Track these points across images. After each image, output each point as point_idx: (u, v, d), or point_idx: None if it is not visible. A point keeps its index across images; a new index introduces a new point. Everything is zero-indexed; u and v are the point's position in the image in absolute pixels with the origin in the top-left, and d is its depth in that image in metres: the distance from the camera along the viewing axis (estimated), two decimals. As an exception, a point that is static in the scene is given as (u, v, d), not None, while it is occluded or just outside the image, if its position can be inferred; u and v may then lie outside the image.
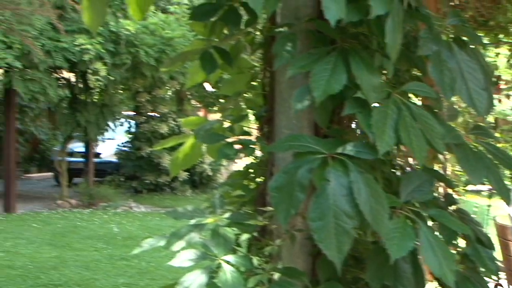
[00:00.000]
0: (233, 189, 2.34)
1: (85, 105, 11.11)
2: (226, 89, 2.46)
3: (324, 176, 1.60)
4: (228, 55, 2.14)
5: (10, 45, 9.18)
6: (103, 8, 2.29)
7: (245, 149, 2.13)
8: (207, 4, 2.04)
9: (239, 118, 2.31)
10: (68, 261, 6.70)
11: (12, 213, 10.12)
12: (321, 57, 1.73)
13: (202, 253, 1.83)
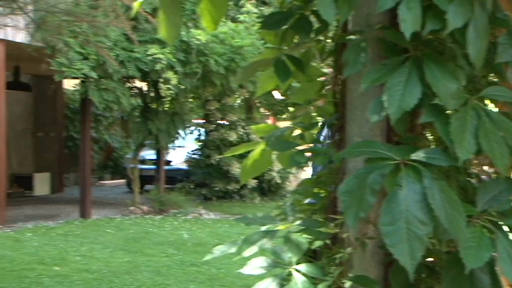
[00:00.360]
0: (304, 197, 2.34)
1: (157, 114, 11.35)
2: (296, 97, 2.47)
3: (396, 182, 1.58)
4: (300, 62, 2.15)
5: (87, 56, 9.51)
6: (178, 20, 2.34)
7: (316, 157, 2.13)
8: (279, 13, 2.06)
9: (309, 126, 2.32)
10: (140, 266, 6.84)
11: (87, 218, 10.44)
12: (394, 68, 1.71)
13: (273, 261, 1.84)
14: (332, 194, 2.12)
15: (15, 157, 13.64)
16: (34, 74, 13.60)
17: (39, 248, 7.55)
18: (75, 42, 8.62)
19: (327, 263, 1.91)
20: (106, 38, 7.74)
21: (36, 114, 14.29)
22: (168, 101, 11.18)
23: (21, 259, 6.75)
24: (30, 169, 14.07)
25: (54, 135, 14.28)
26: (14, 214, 10.40)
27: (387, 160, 1.65)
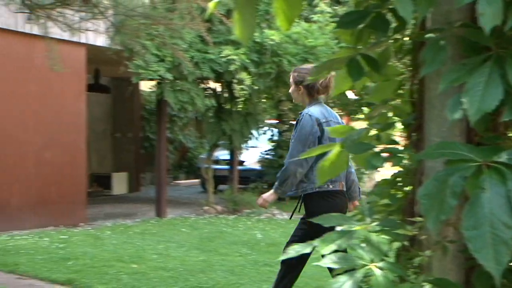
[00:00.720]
0: (380, 197, 2.31)
1: (230, 114, 11.45)
2: (373, 96, 2.44)
3: (479, 185, 1.54)
4: (375, 62, 2.12)
5: (163, 58, 9.72)
6: (253, 21, 2.35)
7: (392, 158, 2.10)
8: (355, 11, 2.04)
9: (386, 126, 2.28)
10: (214, 265, 6.93)
11: (163, 217, 10.66)
12: (475, 68, 1.66)
13: (352, 257, 1.82)
14: (409, 196, 2.08)
15: (95, 157, 14.10)
16: (113, 77, 14.03)
17: (118, 246, 7.76)
18: (152, 44, 8.83)
19: (404, 265, 1.88)
20: (181, 40, 7.90)
21: (114, 116, 14.72)
22: (241, 101, 11.27)
23: (101, 256, 6.96)
24: (109, 169, 14.51)
25: (131, 135, 14.65)
26: (94, 213, 10.74)
27: (468, 162, 1.60)
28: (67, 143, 9.60)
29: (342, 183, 4.39)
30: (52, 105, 9.36)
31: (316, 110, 4.34)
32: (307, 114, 4.30)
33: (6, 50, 8.59)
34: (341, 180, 4.36)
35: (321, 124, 4.25)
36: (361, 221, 2.04)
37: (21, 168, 8.89)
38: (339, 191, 4.36)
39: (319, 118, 4.28)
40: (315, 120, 4.25)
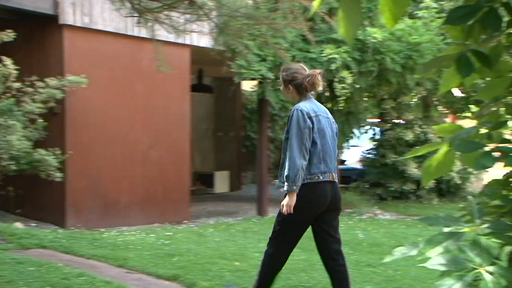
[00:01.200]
0: (490, 199, 2.22)
1: (331, 113, 11.36)
2: (483, 94, 2.35)
3: None
4: (487, 58, 2.04)
5: (264, 57, 9.81)
6: (358, 19, 2.32)
7: (505, 158, 2.01)
8: (465, 6, 1.97)
9: (497, 125, 2.19)
10: (315, 264, 6.90)
11: (264, 216, 10.75)
12: None
13: (460, 260, 1.76)
14: (523, 197, 1.99)
15: (198, 156, 14.44)
16: (216, 77, 14.31)
17: (220, 244, 7.90)
18: (254, 44, 8.93)
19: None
20: (283, 40, 7.95)
21: (217, 115, 15.00)
22: (342, 100, 11.18)
23: (204, 253, 7.11)
24: (211, 168, 14.80)
25: (233, 134, 14.87)
26: (197, 210, 11.00)
27: None
28: (172, 143, 9.89)
29: (333, 174, 4.57)
30: (158, 106, 9.67)
31: (306, 105, 4.55)
32: (298, 110, 4.49)
33: (116, 52, 8.97)
34: (331, 171, 4.56)
35: (311, 117, 4.48)
36: (470, 223, 1.97)
37: (129, 167, 9.25)
38: (329, 181, 4.54)
39: (309, 112, 4.49)
40: (306, 114, 4.46)
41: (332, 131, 4.66)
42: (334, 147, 4.64)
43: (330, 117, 4.72)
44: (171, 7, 4.97)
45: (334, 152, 4.63)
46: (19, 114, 7.54)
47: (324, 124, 4.57)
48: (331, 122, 4.69)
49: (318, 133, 4.49)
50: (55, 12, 8.08)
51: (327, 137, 4.57)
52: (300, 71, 4.70)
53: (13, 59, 7.63)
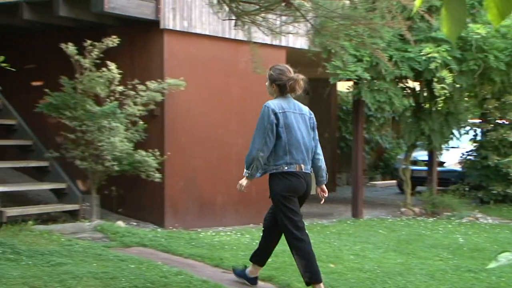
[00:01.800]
0: None
1: (430, 114, 11.09)
2: None
3: None
4: None
5: (360, 58, 9.69)
6: (462, 17, 2.24)
7: None
8: None
9: None
10: (413, 268, 6.74)
11: (359, 218, 10.62)
12: None
13: None
14: None
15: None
16: (310, 78, 14.26)
17: (315, 245, 7.79)
18: (350, 45, 8.85)
19: None
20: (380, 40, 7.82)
21: (311, 116, 14.96)
22: (442, 100, 10.85)
23: (298, 253, 7.10)
24: (306, 168, 14.77)
25: (327, 136, 14.80)
26: (292, 211, 11.00)
27: None
28: (267, 143, 9.94)
29: (301, 165, 5.01)
30: (253, 107, 9.74)
31: (275, 102, 5.06)
32: (265, 107, 5.02)
33: (213, 55, 9.13)
34: (298, 163, 4.99)
35: (276, 114, 4.95)
36: None
37: (224, 168, 9.39)
38: (295, 172, 4.99)
39: (274, 109, 4.97)
40: (271, 110, 4.96)
41: (306, 126, 5.13)
42: (306, 140, 5.09)
43: (304, 114, 5.19)
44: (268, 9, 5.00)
45: (305, 145, 5.07)
46: (122, 116, 7.82)
47: (293, 120, 5.03)
48: (305, 118, 5.17)
49: (284, 128, 4.96)
50: (157, 18, 8.33)
51: (294, 131, 5.01)
52: (285, 73, 5.16)
53: (117, 63, 7.93)
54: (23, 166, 8.61)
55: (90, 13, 8.11)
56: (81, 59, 7.75)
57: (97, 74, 7.81)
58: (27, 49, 9.71)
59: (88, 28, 8.76)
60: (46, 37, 9.40)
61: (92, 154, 7.90)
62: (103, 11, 7.84)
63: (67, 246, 6.40)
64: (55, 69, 8.67)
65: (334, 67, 9.62)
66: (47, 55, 9.33)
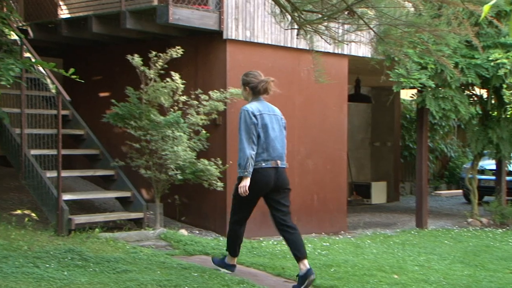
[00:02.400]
0: None
1: (498, 122, 10.79)
2: None
3: None
4: None
5: (425, 65, 9.52)
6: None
7: None
8: None
9: None
10: (482, 281, 6.56)
11: (423, 228, 10.40)
12: None
13: None
14: None
15: (355, 166, 14.32)
16: (373, 86, 14.13)
17: (378, 255, 7.76)
18: (414, 52, 8.69)
19: None
20: (446, 47, 7.66)
21: (373, 125, 14.81)
22: (511, 108, 10.52)
23: (361, 264, 7.02)
24: (368, 178, 14.62)
25: (390, 144, 14.60)
26: (354, 221, 10.90)
27: None
28: (328, 153, 9.88)
29: (277, 161, 5.68)
30: (315, 116, 9.72)
31: (252, 106, 5.68)
32: (245, 110, 5.63)
33: (275, 64, 9.15)
34: (274, 159, 5.66)
35: (255, 116, 5.60)
36: None
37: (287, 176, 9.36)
38: (271, 168, 5.66)
39: (253, 111, 5.61)
40: (251, 112, 5.59)
41: (279, 126, 5.78)
42: (280, 139, 5.75)
43: (277, 115, 5.84)
44: (330, 18, 4.98)
45: (280, 142, 5.73)
46: (185, 126, 7.93)
47: (268, 121, 5.67)
48: (278, 118, 5.81)
49: (261, 128, 5.61)
50: (220, 28, 8.42)
51: (270, 131, 5.65)
52: (257, 76, 5.82)
53: (180, 73, 8.06)
54: (90, 175, 8.83)
55: (155, 25, 8.28)
56: (146, 70, 7.91)
57: (161, 85, 7.95)
58: (94, 61, 10.00)
59: (153, 39, 8.95)
60: (113, 49, 9.65)
61: (156, 163, 8.03)
62: (167, 22, 7.99)
63: (132, 253, 6.52)
64: (121, 80, 8.88)
65: (398, 75, 9.48)
66: (114, 67, 9.58)
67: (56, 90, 7.56)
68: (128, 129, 8.08)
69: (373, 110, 14.72)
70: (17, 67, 6.65)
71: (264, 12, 8.74)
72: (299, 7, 5.11)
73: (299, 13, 5.08)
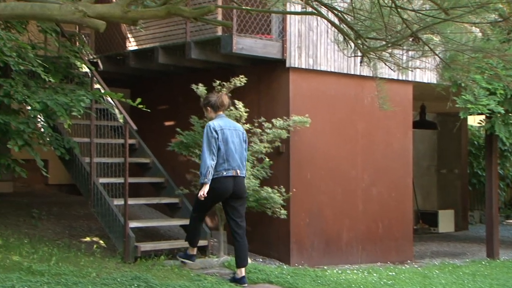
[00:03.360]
0: None
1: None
2: None
3: None
4: None
5: (494, 91, 9.28)
6: None
7: None
8: None
9: None
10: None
11: (495, 259, 10.05)
12: None
13: None
14: None
15: (420, 193, 14.02)
16: (438, 112, 13.86)
17: (447, 286, 7.54)
18: (482, 78, 8.49)
19: None
20: (520, 71, 7.46)
21: (439, 151, 14.51)
22: None
23: (430, 295, 6.83)
24: (434, 206, 14.28)
25: (457, 172, 14.25)
26: (420, 250, 10.64)
27: None
28: (393, 180, 9.73)
29: (237, 171, 6.65)
30: (379, 143, 9.61)
31: (214, 122, 6.67)
32: (208, 126, 6.63)
33: (338, 92, 9.13)
34: (234, 169, 6.63)
35: (216, 131, 6.56)
36: None
37: (350, 204, 9.26)
38: (232, 176, 6.63)
39: (215, 127, 6.59)
40: (212, 128, 6.57)
41: (239, 139, 6.73)
42: (240, 151, 6.70)
43: (238, 130, 6.82)
44: (395, 45, 4.94)
45: (239, 154, 6.67)
46: (248, 154, 7.97)
47: (228, 135, 6.62)
48: (239, 133, 6.77)
49: (222, 142, 6.55)
50: (283, 57, 8.48)
51: (230, 144, 6.59)
52: (211, 96, 6.94)
53: (244, 101, 8.13)
54: (155, 203, 8.97)
55: (219, 54, 8.41)
56: (210, 99, 8.01)
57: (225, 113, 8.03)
58: (160, 91, 10.22)
59: (216, 68, 9.08)
60: (178, 78, 9.84)
61: (220, 190, 8.07)
62: (231, 52, 8.10)
63: (197, 281, 6.55)
64: (186, 109, 9.02)
65: (465, 101, 9.27)
66: (178, 96, 9.76)
67: (124, 120, 7.74)
68: (193, 157, 8.18)
69: (439, 136, 14.42)
70: (87, 98, 6.88)
71: (327, 39, 8.75)
72: (363, 35, 5.10)
73: (363, 40, 5.07)
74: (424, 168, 14.25)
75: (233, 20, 8.10)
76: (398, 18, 4.72)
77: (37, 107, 6.57)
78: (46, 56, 7.95)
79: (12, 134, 6.71)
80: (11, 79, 6.91)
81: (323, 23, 8.22)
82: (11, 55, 6.36)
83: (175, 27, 8.96)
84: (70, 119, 7.01)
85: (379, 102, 6.37)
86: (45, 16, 3.37)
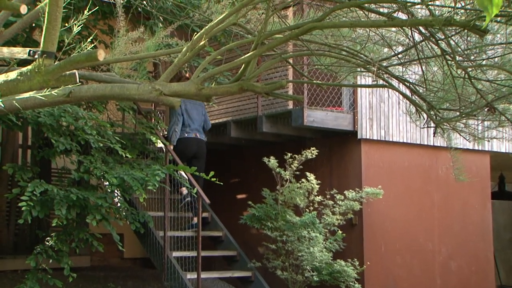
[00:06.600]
0: None
1: None
2: None
3: None
4: None
5: None
6: None
7: None
8: None
9: None
10: None
11: None
12: None
13: None
14: None
15: (503, 268, 13.38)
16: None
17: None
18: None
19: None
20: None
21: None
22: None
23: None
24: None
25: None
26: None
27: None
28: (473, 253, 9.36)
29: (196, 133, 8.48)
30: (456, 214, 9.32)
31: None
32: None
33: (411, 162, 8.99)
34: (195, 132, 8.48)
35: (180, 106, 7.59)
36: None
37: (427, 277, 8.94)
38: (192, 138, 8.47)
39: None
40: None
41: (197, 111, 8.55)
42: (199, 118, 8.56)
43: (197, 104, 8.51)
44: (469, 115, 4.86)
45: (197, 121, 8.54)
46: (320, 226, 7.88)
47: (189, 107, 8.44)
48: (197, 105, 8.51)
49: (185, 111, 8.40)
50: (354, 128, 8.48)
51: (190, 113, 8.44)
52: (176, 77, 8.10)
53: (315, 174, 8.11)
54: (228, 276, 8.92)
55: (290, 127, 8.49)
56: (282, 172, 8.04)
57: (296, 185, 8.02)
58: (232, 164, 10.35)
59: (287, 141, 9.15)
60: (249, 151, 9.96)
61: (292, 264, 7.98)
62: (302, 125, 8.17)
63: None
64: (257, 182, 9.08)
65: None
66: (250, 169, 9.84)
67: (197, 194, 7.85)
68: (265, 230, 8.15)
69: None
70: (162, 172, 7.02)
71: (398, 111, 8.71)
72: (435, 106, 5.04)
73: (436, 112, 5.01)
74: (506, 241, 13.64)
75: (304, 94, 8.21)
76: (472, 88, 4.65)
77: (114, 182, 6.76)
78: (123, 133, 8.24)
79: (91, 209, 6.89)
80: (90, 156, 7.16)
81: (394, 94, 8.22)
82: (91, 133, 6.62)
83: (247, 101, 9.16)
84: (145, 193, 7.15)
85: (455, 173, 6.21)
86: (124, 96, 3.51)
